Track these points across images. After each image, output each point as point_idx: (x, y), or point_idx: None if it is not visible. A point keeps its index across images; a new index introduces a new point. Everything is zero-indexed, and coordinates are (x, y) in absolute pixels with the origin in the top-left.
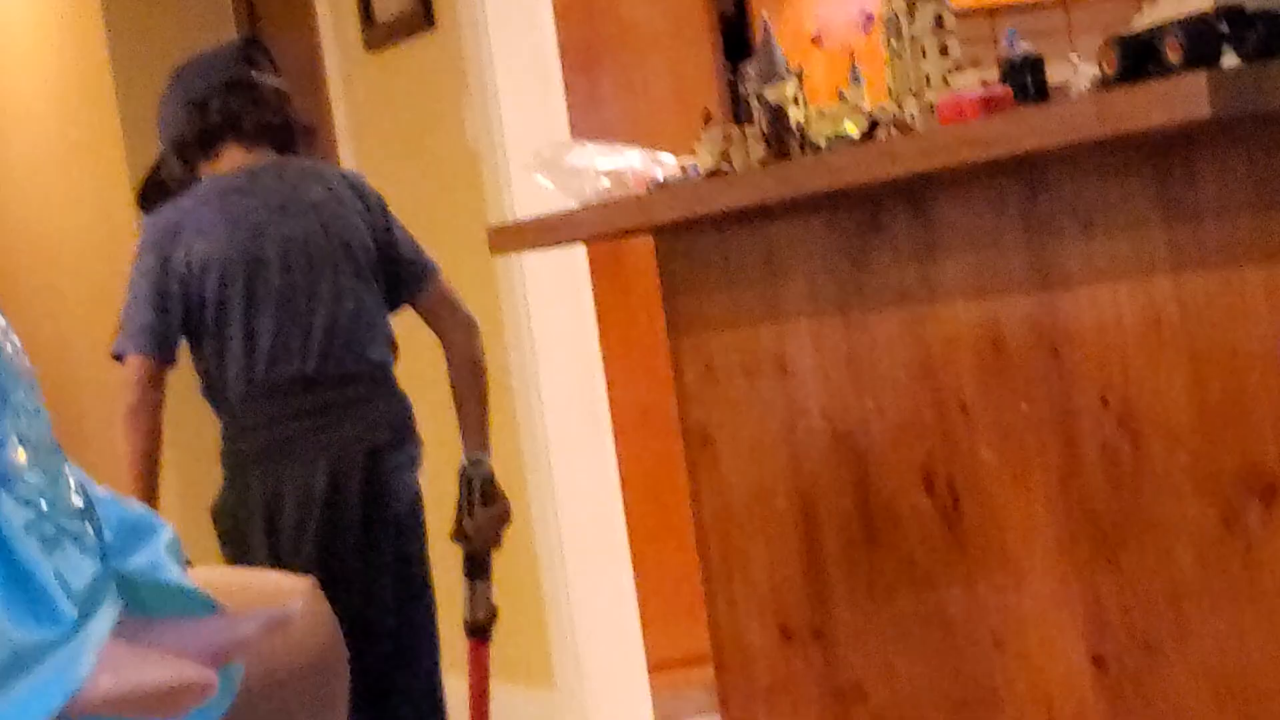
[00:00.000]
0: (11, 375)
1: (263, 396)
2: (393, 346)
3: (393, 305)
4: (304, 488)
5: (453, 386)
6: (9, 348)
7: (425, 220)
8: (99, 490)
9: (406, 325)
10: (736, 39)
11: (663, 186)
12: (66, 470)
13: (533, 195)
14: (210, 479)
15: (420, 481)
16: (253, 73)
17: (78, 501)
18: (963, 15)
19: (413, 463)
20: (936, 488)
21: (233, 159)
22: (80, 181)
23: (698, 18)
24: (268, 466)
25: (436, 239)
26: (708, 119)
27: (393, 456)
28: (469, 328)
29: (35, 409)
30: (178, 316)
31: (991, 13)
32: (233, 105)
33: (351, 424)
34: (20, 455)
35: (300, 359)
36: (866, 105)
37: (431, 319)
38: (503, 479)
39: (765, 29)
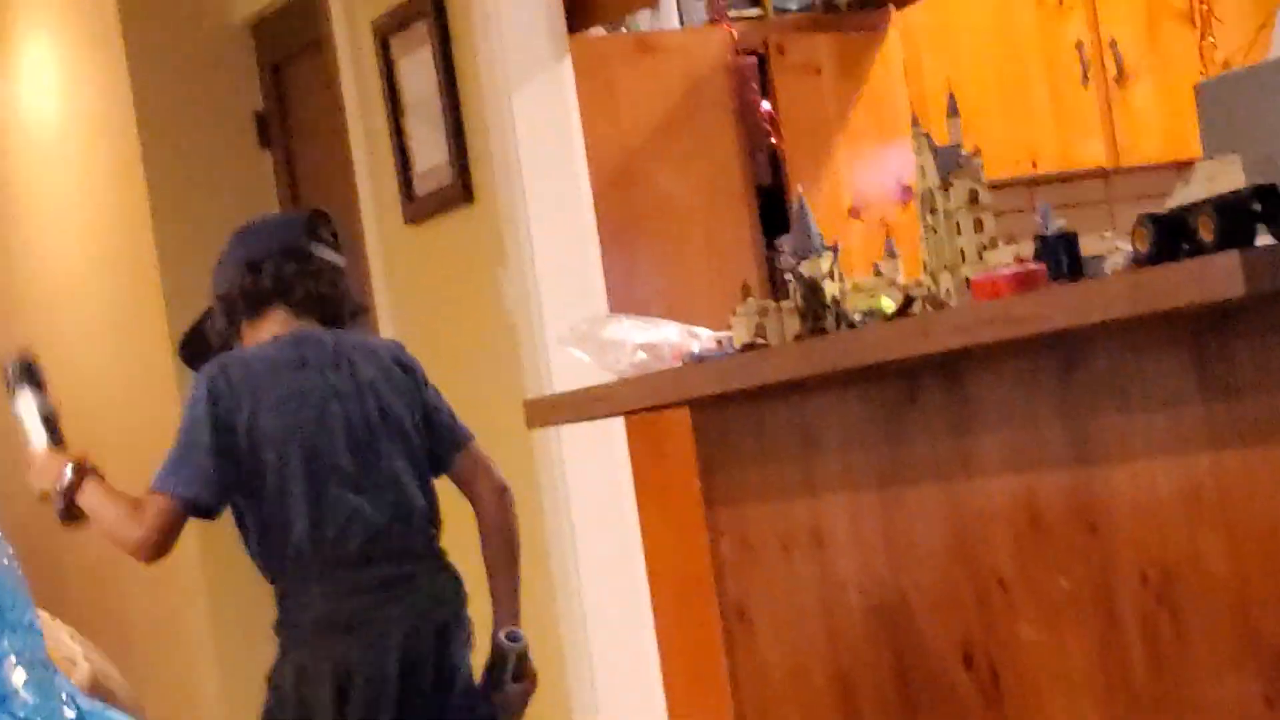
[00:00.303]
0: (9, 590)
1: (328, 569)
2: (438, 523)
3: (431, 473)
4: (377, 664)
5: (485, 555)
6: (4, 560)
7: (463, 391)
8: (87, 702)
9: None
10: (775, 210)
11: (697, 361)
12: (58, 682)
13: (571, 367)
14: (254, 644)
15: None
16: (312, 244)
17: (70, 714)
18: (1002, 186)
19: (470, 639)
20: (976, 664)
21: (276, 324)
22: (123, 346)
23: (735, 190)
24: (335, 638)
25: (473, 410)
26: (746, 293)
27: (458, 633)
28: (501, 494)
29: (30, 623)
30: (231, 476)
31: (1032, 184)
32: (286, 271)
33: (419, 599)
34: (17, 675)
35: (364, 536)
36: (902, 279)
37: (464, 485)
38: (539, 650)
39: (800, 203)
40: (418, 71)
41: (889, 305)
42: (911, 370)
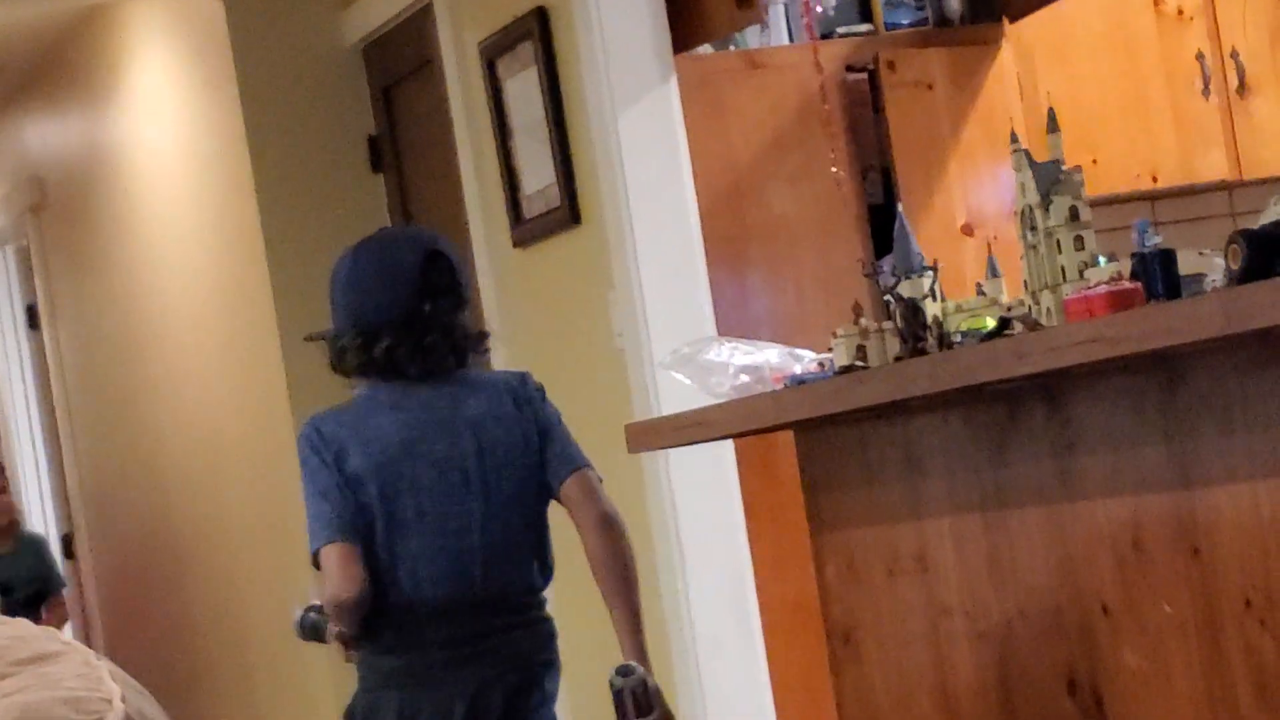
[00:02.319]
0: None
1: (405, 619)
2: (547, 568)
3: (546, 499)
4: (444, 714)
5: (598, 586)
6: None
7: (571, 414)
8: None
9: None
10: (888, 230)
11: (796, 384)
12: None
13: (678, 391)
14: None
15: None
16: (429, 302)
17: None
18: (1122, 200)
19: (550, 699)
20: (1079, 690)
21: (388, 388)
22: (237, 366)
23: (846, 209)
24: (405, 692)
25: (582, 434)
26: (857, 313)
27: (533, 695)
28: (604, 522)
29: None
30: (352, 509)
31: (1153, 198)
32: (399, 355)
33: (492, 659)
34: None
35: (446, 584)
36: (1005, 298)
37: (570, 512)
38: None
39: (900, 222)
40: (525, 93)
41: (991, 325)
42: (1013, 391)
